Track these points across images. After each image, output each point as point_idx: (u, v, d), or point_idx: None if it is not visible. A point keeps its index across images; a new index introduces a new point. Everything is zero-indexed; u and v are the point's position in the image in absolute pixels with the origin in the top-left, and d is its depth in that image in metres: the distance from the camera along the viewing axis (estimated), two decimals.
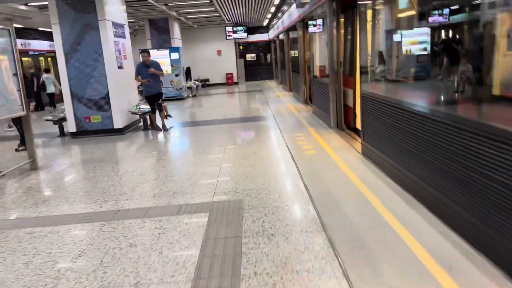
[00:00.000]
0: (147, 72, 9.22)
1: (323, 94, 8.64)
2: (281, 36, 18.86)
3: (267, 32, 25.47)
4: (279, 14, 17.99)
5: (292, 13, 12.51)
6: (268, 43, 26.14)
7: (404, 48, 4.42)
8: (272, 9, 17.10)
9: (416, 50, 4.33)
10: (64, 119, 9.68)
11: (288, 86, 17.12)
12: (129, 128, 9.91)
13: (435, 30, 3.74)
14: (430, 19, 3.79)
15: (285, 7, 15.69)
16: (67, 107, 9.34)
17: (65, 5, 8.89)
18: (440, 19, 3.58)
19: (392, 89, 5.02)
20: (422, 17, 4.06)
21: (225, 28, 22.75)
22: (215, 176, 5.45)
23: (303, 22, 11.01)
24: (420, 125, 3.76)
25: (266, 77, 26.32)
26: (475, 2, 3.14)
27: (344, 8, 7.26)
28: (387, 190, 4.37)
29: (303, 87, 12.34)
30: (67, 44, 9.05)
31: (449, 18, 3.44)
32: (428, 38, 3.82)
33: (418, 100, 4.07)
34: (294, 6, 12.16)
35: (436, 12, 3.63)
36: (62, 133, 9.80)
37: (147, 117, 10.22)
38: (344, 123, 7.71)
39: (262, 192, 4.64)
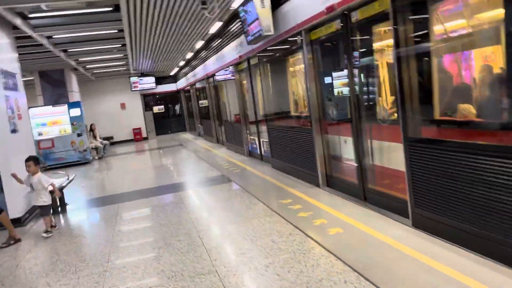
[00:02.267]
0: None
1: (298, 145, 6.93)
2: (199, 85, 17.12)
3: (175, 82, 23.56)
4: (194, 62, 16.31)
5: (224, 56, 10.88)
6: (176, 93, 24.16)
7: None
8: (189, 55, 15.33)
9: None
10: None
11: (215, 138, 15.22)
12: (32, 214, 6.98)
13: None
14: None
15: (203, 53, 14.08)
16: None
17: None
18: None
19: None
20: None
21: (130, 79, 20.28)
22: None
23: (248, 63, 9.39)
24: None
25: (177, 129, 24.12)
26: None
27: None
28: None
29: (248, 137, 10.55)
30: None
31: None
32: None
33: None
34: (225, 49, 10.56)
35: None
36: None
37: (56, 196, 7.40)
38: (330, 179, 6.01)
39: None
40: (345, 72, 5.41)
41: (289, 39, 6.63)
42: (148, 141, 21.55)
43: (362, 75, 5.21)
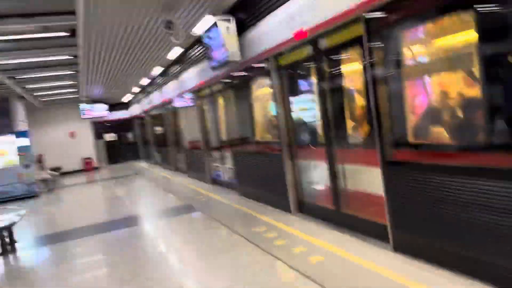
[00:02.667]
0: None
1: (267, 170, 6.82)
2: (155, 111, 16.73)
3: (128, 108, 22.91)
4: (150, 89, 15.97)
5: (185, 82, 10.70)
6: (130, 120, 23.44)
7: None
8: (145, 82, 14.98)
9: None
10: None
11: (174, 166, 14.81)
12: None
13: None
14: None
15: (160, 79, 13.85)
16: None
17: None
18: None
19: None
20: None
21: (80, 106, 19.48)
22: None
23: (211, 88, 9.27)
24: None
25: (131, 158, 23.26)
26: None
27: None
28: None
29: (212, 164, 10.32)
30: None
31: None
32: None
33: None
34: (186, 75, 10.41)
35: None
36: None
37: (4, 234, 6.76)
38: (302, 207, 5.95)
39: None
40: (316, 97, 5.44)
41: (256, 64, 6.60)
42: (100, 170, 20.63)
43: (333, 99, 5.24)
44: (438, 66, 4.15)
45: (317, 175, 5.89)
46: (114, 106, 22.23)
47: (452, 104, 4.40)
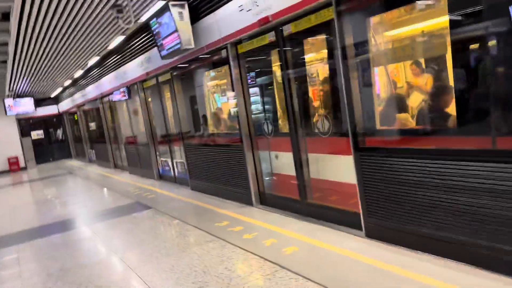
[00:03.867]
0: None
1: (225, 163, 6.60)
2: (89, 105, 15.72)
3: (57, 103, 21.33)
4: (83, 81, 14.92)
5: (126, 73, 10.08)
6: (58, 116, 21.85)
7: None
8: (78, 73, 13.95)
9: None
10: None
11: (112, 163, 14.01)
12: None
13: None
14: None
15: (96, 71, 12.98)
16: None
17: None
18: None
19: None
20: None
21: (4, 102, 17.76)
22: None
23: (157, 79, 8.81)
24: None
25: (62, 156, 21.75)
26: None
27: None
28: None
29: (159, 159, 9.84)
30: None
31: None
32: None
33: None
34: (128, 66, 9.82)
35: None
36: None
37: None
38: (264, 196, 5.84)
39: None
40: (279, 85, 5.32)
41: (212, 52, 6.34)
42: (27, 171, 19.02)
43: (298, 87, 5.15)
44: (406, 53, 4.20)
45: (280, 166, 5.79)
46: (42, 100, 20.59)
47: (415, 90, 4.50)
